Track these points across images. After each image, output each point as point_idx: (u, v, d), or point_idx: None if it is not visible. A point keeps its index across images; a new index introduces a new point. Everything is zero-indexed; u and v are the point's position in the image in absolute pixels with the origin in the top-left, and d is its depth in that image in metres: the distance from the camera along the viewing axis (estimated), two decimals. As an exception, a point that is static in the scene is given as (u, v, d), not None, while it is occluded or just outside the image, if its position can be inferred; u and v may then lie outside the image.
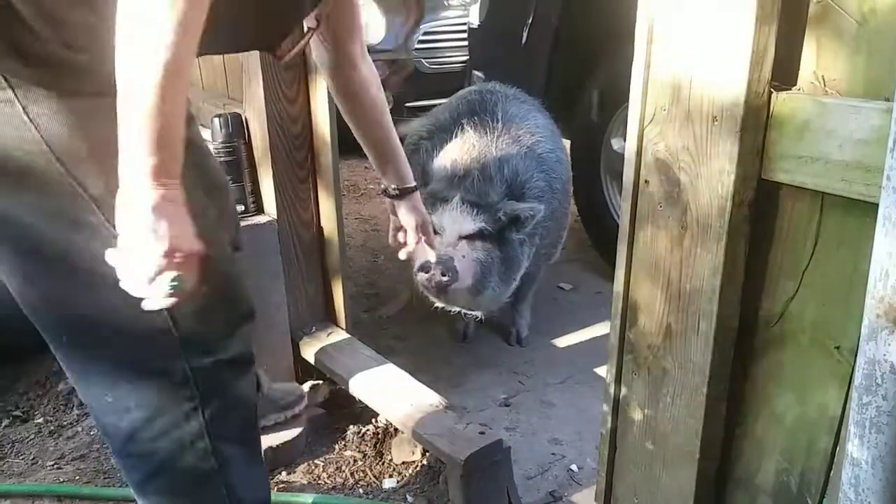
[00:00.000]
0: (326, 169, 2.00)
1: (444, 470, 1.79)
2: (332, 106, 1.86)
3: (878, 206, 0.73)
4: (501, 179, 2.14)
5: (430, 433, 1.69)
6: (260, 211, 2.02)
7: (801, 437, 0.98)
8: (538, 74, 2.89)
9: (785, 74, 0.89)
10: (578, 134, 2.92)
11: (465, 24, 3.60)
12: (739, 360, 1.02)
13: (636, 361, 1.10)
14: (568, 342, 2.55)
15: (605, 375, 1.18)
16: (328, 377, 2.05)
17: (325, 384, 2.07)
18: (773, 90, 0.88)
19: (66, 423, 2.05)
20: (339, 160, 1.99)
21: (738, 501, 1.08)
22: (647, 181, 1.02)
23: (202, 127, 1.39)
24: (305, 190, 2.03)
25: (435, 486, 1.82)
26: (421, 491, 1.81)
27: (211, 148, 1.56)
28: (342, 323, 2.17)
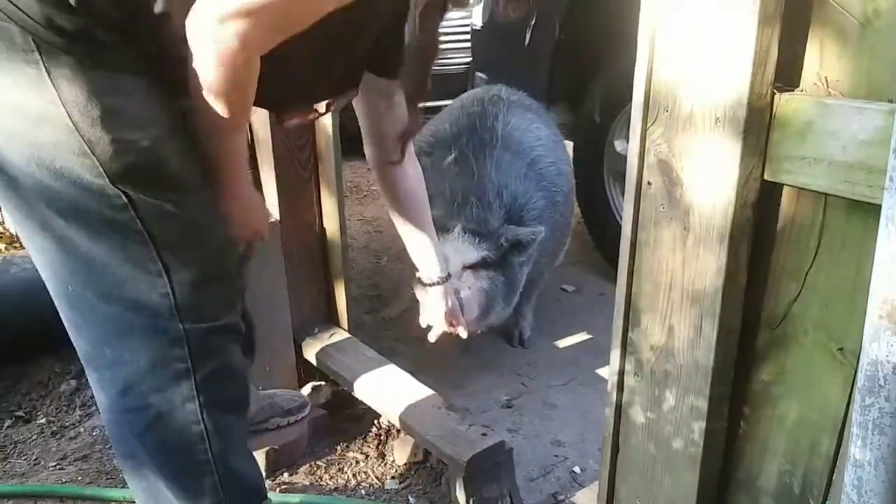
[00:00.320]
0: (329, 170, 2.00)
1: (446, 471, 1.79)
2: (334, 107, 1.87)
3: (881, 207, 0.73)
4: (501, 205, 2.14)
5: (432, 434, 1.69)
6: (262, 211, 2.02)
7: (803, 438, 0.97)
8: (541, 76, 2.89)
9: (788, 75, 0.88)
10: (581, 135, 2.91)
11: (468, 25, 3.59)
12: (742, 361, 1.02)
13: (638, 363, 1.10)
14: (570, 344, 2.54)
15: (607, 377, 1.18)
16: (330, 378, 2.05)
17: (327, 385, 2.07)
18: (776, 91, 0.88)
19: (68, 423, 2.05)
20: (342, 161, 1.99)
21: (740, 503, 1.08)
22: (649, 182, 1.02)
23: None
24: (308, 191, 2.04)
25: (437, 487, 1.82)
26: (423, 492, 1.81)
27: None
28: (344, 324, 2.18)
